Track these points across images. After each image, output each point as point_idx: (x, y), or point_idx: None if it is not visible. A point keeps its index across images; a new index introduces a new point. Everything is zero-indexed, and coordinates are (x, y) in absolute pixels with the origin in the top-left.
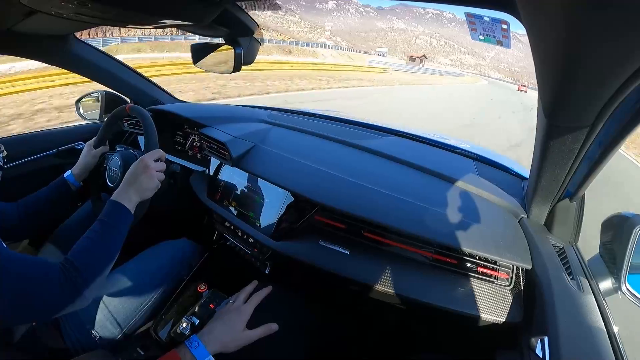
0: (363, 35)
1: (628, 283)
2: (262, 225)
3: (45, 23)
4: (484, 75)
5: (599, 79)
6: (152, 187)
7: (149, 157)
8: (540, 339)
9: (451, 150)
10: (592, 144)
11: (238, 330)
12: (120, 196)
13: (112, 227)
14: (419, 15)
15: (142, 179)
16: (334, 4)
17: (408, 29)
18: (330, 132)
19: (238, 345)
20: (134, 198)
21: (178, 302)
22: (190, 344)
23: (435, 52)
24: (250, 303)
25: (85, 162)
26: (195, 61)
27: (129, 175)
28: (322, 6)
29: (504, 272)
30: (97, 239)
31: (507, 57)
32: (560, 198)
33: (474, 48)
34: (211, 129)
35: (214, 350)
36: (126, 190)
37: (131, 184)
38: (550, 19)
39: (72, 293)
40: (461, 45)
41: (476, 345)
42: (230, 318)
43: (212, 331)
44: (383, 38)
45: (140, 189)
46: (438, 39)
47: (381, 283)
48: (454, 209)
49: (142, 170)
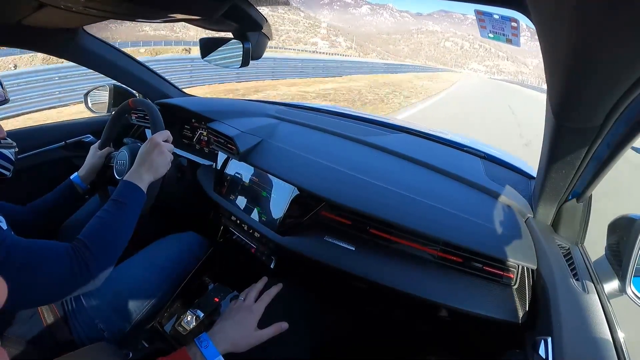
0: (384, 37)
1: (633, 285)
2: (268, 220)
3: (54, 16)
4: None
5: (609, 79)
6: (165, 164)
7: (158, 136)
8: (544, 340)
9: (459, 149)
10: (601, 144)
11: (250, 329)
12: (132, 176)
13: (125, 205)
14: (457, 21)
15: (154, 156)
16: (368, 8)
17: (439, 31)
18: (337, 128)
19: (249, 345)
20: (146, 177)
21: (183, 295)
22: (200, 342)
23: (466, 57)
24: (262, 302)
25: (91, 164)
26: (203, 55)
27: (139, 156)
28: (356, 10)
29: (509, 271)
30: (108, 218)
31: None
32: (567, 198)
33: (515, 54)
34: (219, 124)
35: (225, 349)
36: (138, 170)
37: (142, 163)
38: (561, 17)
39: (82, 271)
40: (499, 50)
41: (480, 345)
42: (242, 317)
43: (223, 330)
44: (407, 40)
45: (152, 167)
46: (472, 41)
47: (386, 280)
48: (461, 207)
49: (152, 147)
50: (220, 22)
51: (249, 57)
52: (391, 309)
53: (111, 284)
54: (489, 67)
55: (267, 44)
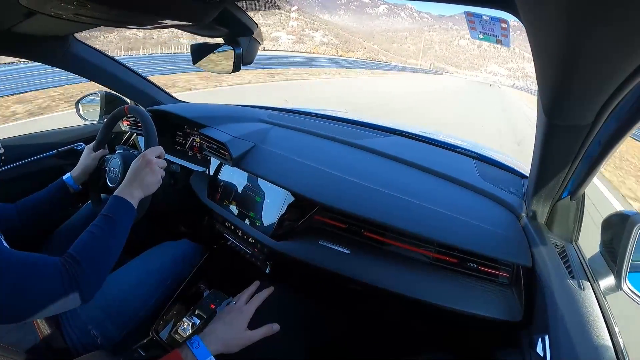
0: (389, 35)
1: (629, 281)
2: (262, 225)
3: (44, 24)
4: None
5: (598, 77)
6: (155, 182)
7: (150, 153)
8: (541, 338)
9: (451, 150)
10: (592, 142)
11: (240, 330)
12: (123, 192)
13: (115, 221)
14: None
15: (145, 174)
16: (386, 8)
17: (454, 27)
18: (329, 131)
19: (240, 345)
20: (136, 193)
21: (179, 302)
22: (191, 344)
23: (484, 57)
24: (252, 303)
25: (84, 165)
26: (194, 61)
27: (131, 171)
28: (373, 10)
29: (504, 270)
30: (98, 233)
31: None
32: (560, 196)
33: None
34: (211, 129)
35: (216, 350)
36: (129, 186)
37: (133, 179)
38: (550, 17)
39: (72, 286)
40: (525, 50)
41: (477, 344)
42: (232, 318)
43: (213, 331)
44: (416, 38)
45: (142, 185)
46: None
47: (382, 282)
48: (454, 208)
49: (144, 165)
50: (211, 27)
51: (240, 62)
52: (386, 310)
53: (105, 290)
54: (511, 70)
55: (258, 48)
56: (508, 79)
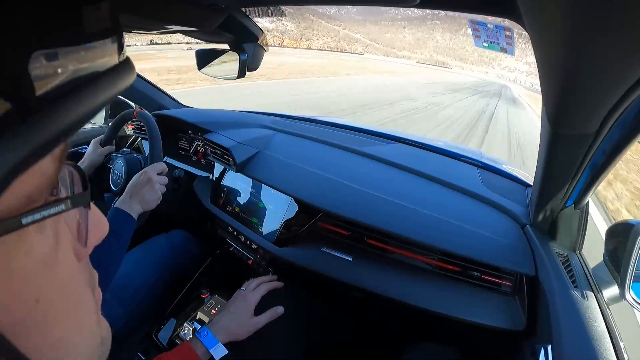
0: (384, 24)
1: (632, 291)
2: (265, 231)
3: None
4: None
5: (603, 86)
6: (154, 200)
7: (151, 170)
8: (544, 348)
9: (455, 158)
10: (597, 151)
11: (245, 317)
12: (123, 205)
13: (117, 233)
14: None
15: (145, 191)
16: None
17: (461, 15)
18: (333, 138)
19: (248, 332)
20: (135, 208)
21: (180, 307)
22: (199, 334)
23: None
24: (258, 292)
25: (91, 159)
26: (200, 66)
27: (131, 186)
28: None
29: (507, 279)
30: (100, 245)
31: None
32: (564, 206)
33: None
34: (215, 135)
35: (224, 339)
36: (129, 200)
37: (134, 194)
38: (554, 26)
39: None
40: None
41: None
42: (236, 307)
43: (219, 321)
44: (416, 27)
45: (142, 201)
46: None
47: (384, 290)
48: (458, 216)
49: (144, 182)
50: (217, 33)
51: (245, 68)
52: (388, 318)
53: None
54: (531, 64)
55: (263, 55)
56: (528, 77)
